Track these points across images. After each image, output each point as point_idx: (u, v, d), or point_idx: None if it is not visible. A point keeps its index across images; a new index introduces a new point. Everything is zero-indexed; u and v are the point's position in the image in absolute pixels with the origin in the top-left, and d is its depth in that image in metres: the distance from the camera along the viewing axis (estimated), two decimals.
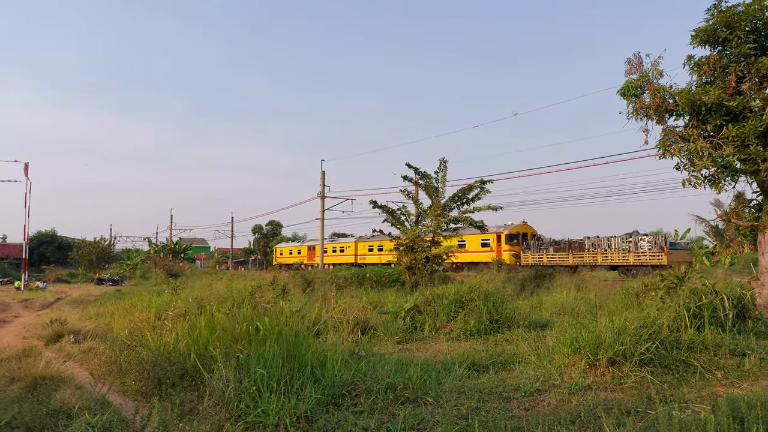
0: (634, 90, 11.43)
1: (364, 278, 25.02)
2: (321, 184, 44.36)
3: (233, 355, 6.67)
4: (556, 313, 14.89)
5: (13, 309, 21.38)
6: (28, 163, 37.18)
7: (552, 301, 16.67)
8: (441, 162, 24.85)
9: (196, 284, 23.87)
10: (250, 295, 13.37)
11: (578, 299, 16.70)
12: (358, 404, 5.77)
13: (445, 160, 24.87)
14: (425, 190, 25.30)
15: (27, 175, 37.14)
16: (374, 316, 12.75)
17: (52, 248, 71.20)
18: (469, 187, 24.64)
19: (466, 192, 24.66)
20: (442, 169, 24.88)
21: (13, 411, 6.05)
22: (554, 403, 5.69)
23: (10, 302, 24.22)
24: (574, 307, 15.07)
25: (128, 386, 7.35)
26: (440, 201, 24.90)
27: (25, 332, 13.81)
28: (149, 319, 10.40)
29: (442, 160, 24.86)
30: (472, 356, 8.38)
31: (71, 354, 10.09)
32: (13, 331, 14.34)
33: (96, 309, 17.71)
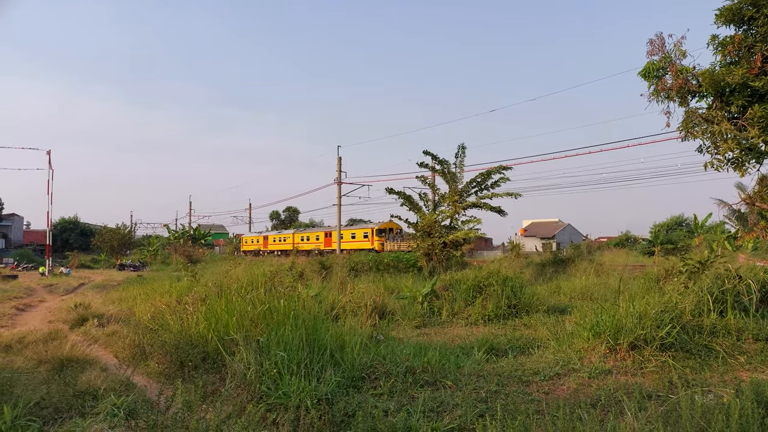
0: (655, 71, 11.17)
1: (381, 264, 25.09)
2: (337, 170, 44.35)
3: (253, 338, 6.74)
4: (575, 298, 14.82)
5: (38, 294, 21.87)
6: (50, 152, 37.75)
7: (571, 287, 16.56)
8: (459, 148, 24.70)
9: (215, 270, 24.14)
10: (269, 280, 13.48)
11: (597, 284, 16.57)
12: (377, 387, 5.82)
13: (463, 146, 24.72)
14: (443, 176, 25.17)
15: (50, 163, 37.73)
16: (392, 301, 12.80)
17: (74, 235, 72.44)
18: (487, 172, 24.44)
19: (485, 178, 24.48)
20: (460, 155, 24.73)
21: (42, 392, 6.20)
22: (574, 387, 5.68)
23: (36, 287, 24.77)
24: (593, 292, 14.98)
25: (151, 369, 7.50)
26: (458, 187, 24.77)
27: (50, 316, 14.13)
28: (170, 304, 10.53)
29: (461, 146, 24.72)
30: (490, 341, 8.37)
31: (96, 337, 10.30)
32: (39, 316, 14.68)
33: (119, 294, 18.03)
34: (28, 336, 10.06)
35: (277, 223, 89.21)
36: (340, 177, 44.40)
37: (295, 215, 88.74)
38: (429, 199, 26.19)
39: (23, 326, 12.30)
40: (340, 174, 44.42)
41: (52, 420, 5.41)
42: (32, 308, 16.77)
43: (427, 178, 26.70)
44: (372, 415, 4.80)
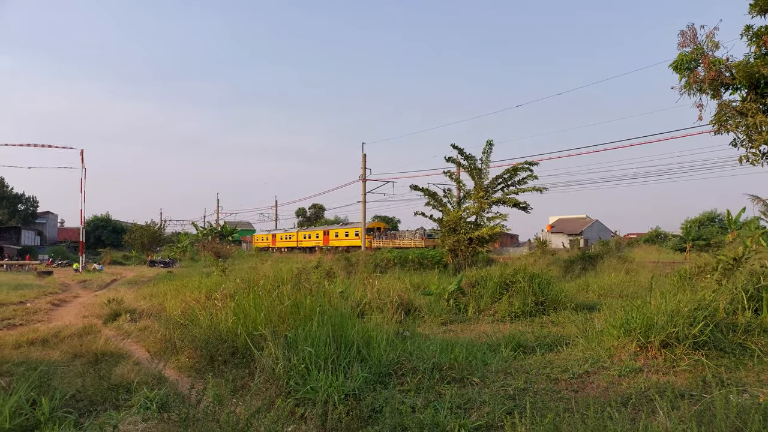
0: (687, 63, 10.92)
1: (406, 260, 25.09)
2: (362, 167, 44.47)
3: (281, 333, 6.82)
4: (604, 295, 14.60)
5: (72, 289, 22.46)
6: (83, 150, 38.74)
7: (599, 284, 16.32)
8: (487, 144, 24.53)
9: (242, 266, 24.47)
10: (296, 277, 13.61)
11: (627, 281, 16.30)
12: (404, 383, 5.83)
13: (491, 142, 24.55)
14: (468, 172, 25.03)
15: (83, 161, 38.72)
16: (417, 298, 12.79)
17: (106, 232, 74.24)
18: (513, 168, 24.23)
19: (511, 174, 24.27)
20: (486, 150, 24.56)
21: (77, 385, 6.37)
22: (604, 385, 5.60)
23: (70, 283, 25.45)
24: (623, 290, 14.74)
25: (182, 363, 7.65)
26: (483, 183, 24.60)
27: (84, 311, 14.51)
28: (200, 299, 10.72)
29: (488, 142, 24.53)
30: (517, 338, 8.30)
31: (128, 332, 10.53)
32: (73, 311, 15.08)
33: (150, 290, 18.40)
34: (64, 330, 10.34)
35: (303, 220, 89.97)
36: (364, 174, 44.52)
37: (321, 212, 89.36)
38: (454, 195, 26.08)
39: (59, 321, 12.65)
40: (365, 171, 44.55)
41: (88, 412, 5.55)
42: (67, 303, 17.23)
43: (453, 174, 26.58)
44: (399, 411, 4.82)
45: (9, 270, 36.59)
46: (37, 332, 10.18)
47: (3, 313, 13.31)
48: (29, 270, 36.00)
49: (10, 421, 4.90)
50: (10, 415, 4.94)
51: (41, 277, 28.00)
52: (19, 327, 11.55)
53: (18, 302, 15.99)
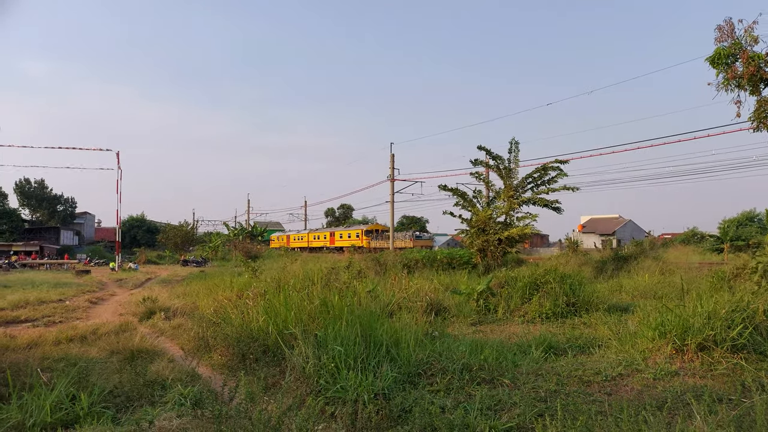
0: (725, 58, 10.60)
1: (434, 260, 25.00)
2: (390, 167, 44.48)
3: (311, 332, 6.88)
4: (638, 297, 14.30)
5: (109, 288, 23.07)
6: (119, 152, 39.72)
7: (633, 285, 15.99)
8: (512, 143, 24.27)
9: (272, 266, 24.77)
10: (325, 276, 13.71)
11: (662, 282, 15.92)
12: (433, 383, 5.83)
13: (516, 141, 24.28)
14: (497, 172, 24.79)
15: (118, 163, 39.70)
16: (446, 298, 12.74)
17: (141, 232, 75.99)
18: (543, 167, 23.91)
19: (541, 173, 23.96)
20: (513, 149, 24.30)
21: (114, 381, 6.55)
22: (638, 389, 5.49)
23: (107, 282, 26.14)
24: (658, 291, 14.40)
25: (215, 360, 7.78)
26: (513, 182, 24.35)
27: (121, 309, 14.89)
28: (232, 298, 10.89)
29: (514, 141, 24.28)
30: (548, 339, 8.20)
31: (163, 330, 10.76)
32: (110, 309, 15.49)
33: (183, 288, 18.78)
34: (101, 328, 10.63)
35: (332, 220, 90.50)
36: (392, 174, 44.53)
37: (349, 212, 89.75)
38: (483, 195, 25.86)
39: (96, 318, 13.01)
40: (393, 171, 44.55)
41: (125, 408, 5.70)
42: (104, 301, 17.71)
43: (481, 174, 26.37)
44: (429, 412, 4.81)
45: (49, 269, 37.81)
46: (76, 329, 10.48)
47: (44, 311, 13.76)
48: (68, 269, 37.11)
49: (51, 415, 5.07)
50: (51, 410, 5.11)
51: (79, 276, 28.82)
52: (58, 324, 11.92)
53: (58, 300, 16.51)
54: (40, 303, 15.31)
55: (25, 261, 41.59)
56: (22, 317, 12.76)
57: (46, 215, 70.45)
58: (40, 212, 70.66)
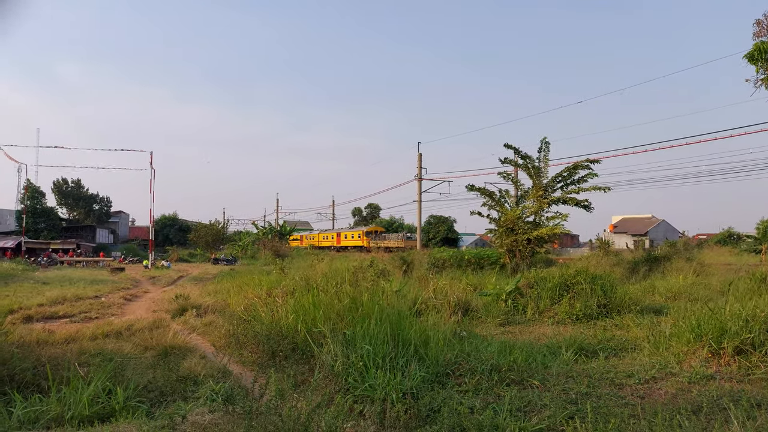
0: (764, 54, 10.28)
1: (462, 260, 24.87)
2: (418, 167, 44.41)
3: (339, 331, 6.92)
4: (672, 299, 13.98)
5: (143, 285, 23.60)
6: (152, 153, 40.59)
7: (666, 286, 15.61)
8: (542, 142, 23.97)
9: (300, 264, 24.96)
10: (352, 275, 13.77)
11: (697, 284, 15.53)
12: (462, 383, 5.80)
13: (546, 140, 23.98)
14: (526, 171, 24.52)
15: (151, 163, 40.58)
16: (474, 298, 12.65)
17: (173, 230, 77.47)
18: (574, 166, 23.55)
19: (571, 172, 23.60)
20: (543, 149, 23.99)
21: (149, 376, 6.71)
22: (672, 392, 5.37)
23: (141, 279, 26.74)
24: (692, 293, 14.06)
25: (245, 357, 7.89)
26: (542, 182, 24.04)
27: (154, 306, 15.21)
28: (261, 296, 11.01)
29: (543, 140, 23.98)
30: (579, 341, 8.08)
31: (194, 327, 10.96)
32: (144, 305, 15.85)
33: (214, 286, 19.09)
34: (136, 324, 10.87)
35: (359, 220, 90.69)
36: (420, 173, 44.45)
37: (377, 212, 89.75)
38: (511, 195, 25.60)
39: (131, 315, 13.33)
40: (420, 170, 44.46)
41: (158, 402, 5.84)
42: (138, 298, 18.13)
43: (510, 174, 26.10)
44: (457, 412, 4.80)
45: (85, 266, 38.88)
46: (111, 325, 10.75)
47: (80, 307, 14.16)
48: (103, 266, 38.08)
49: (89, 408, 5.22)
50: (88, 403, 5.26)
51: (114, 273, 29.55)
52: (95, 320, 12.25)
53: (93, 296, 16.98)
54: (77, 299, 15.76)
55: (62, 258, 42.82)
56: (60, 313, 13.14)
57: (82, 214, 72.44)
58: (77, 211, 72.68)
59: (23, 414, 4.97)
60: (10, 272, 26.70)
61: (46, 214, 60.29)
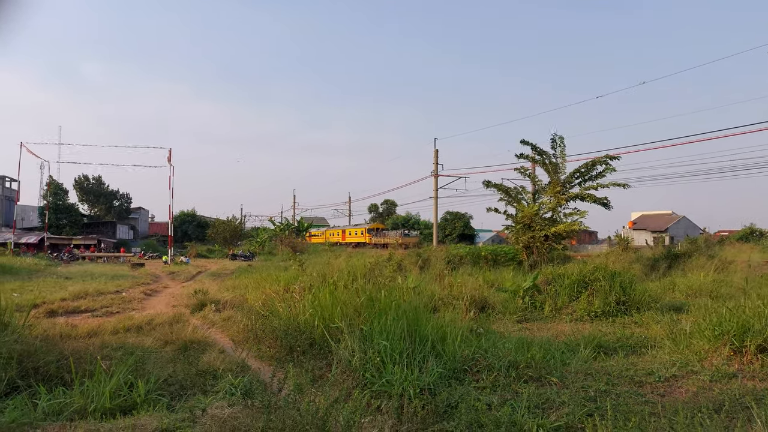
0: None
1: (479, 257, 24.76)
2: (434, 163, 44.28)
3: (357, 326, 6.94)
4: (693, 296, 13.78)
5: (162, 280, 23.89)
6: (171, 150, 41.04)
7: (687, 283, 15.40)
8: (558, 139, 23.72)
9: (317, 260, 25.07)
10: (369, 271, 13.79)
11: (718, 281, 15.29)
12: (479, 380, 5.79)
13: (561, 136, 23.73)
14: (543, 167, 24.30)
15: (170, 160, 41.02)
16: (491, 295, 12.61)
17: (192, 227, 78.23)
18: (592, 162, 23.27)
19: (589, 168, 23.34)
20: (560, 144, 23.75)
21: (169, 370, 6.79)
22: (693, 390, 5.31)
23: (160, 275, 27.09)
24: (714, 290, 13.85)
25: (263, 352, 7.96)
26: (560, 177, 23.81)
27: (173, 301, 15.40)
28: (279, 292, 11.09)
29: (558, 136, 23.73)
30: (598, 338, 8.01)
31: (213, 321, 11.08)
32: (163, 300, 16.05)
33: (232, 282, 19.26)
34: (156, 319, 11.01)
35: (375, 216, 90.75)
36: (436, 169, 44.31)
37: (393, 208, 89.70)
38: (528, 191, 25.40)
39: (151, 309, 13.50)
40: (437, 166, 44.32)
41: (178, 396, 5.91)
42: (158, 293, 18.36)
43: (527, 170, 25.89)
44: (475, 408, 4.79)
45: (107, 262, 39.48)
46: (132, 320, 10.91)
47: (102, 301, 14.39)
48: (124, 262, 38.64)
49: (111, 401, 5.31)
50: (110, 396, 5.35)
51: (134, 269, 29.97)
52: (116, 314, 12.43)
53: (114, 291, 17.23)
54: (99, 294, 16.01)
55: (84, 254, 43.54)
56: (82, 307, 13.36)
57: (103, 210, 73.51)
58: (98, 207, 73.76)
59: (48, 406, 5.07)
60: (34, 267, 27.24)
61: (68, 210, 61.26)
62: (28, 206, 63.63)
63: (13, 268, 25.80)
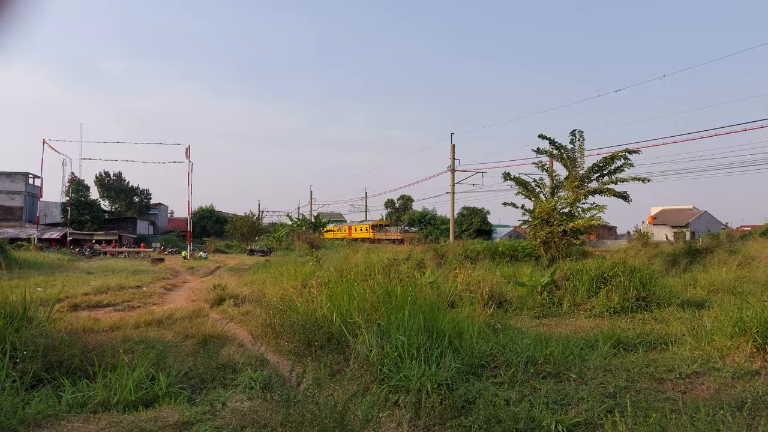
0: None
1: (496, 252, 24.66)
2: (451, 158, 44.06)
3: (374, 321, 6.97)
4: (714, 292, 13.58)
5: (182, 275, 24.18)
6: (189, 146, 41.45)
7: (709, 279, 15.17)
8: (577, 133, 23.48)
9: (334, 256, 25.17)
10: (387, 267, 13.81)
11: (741, 277, 15.03)
12: (497, 375, 5.78)
13: (580, 130, 23.50)
14: (561, 161, 24.08)
15: (188, 156, 41.41)
16: (509, 290, 12.55)
17: (210, 222, 79.08)
18: (612, 156, 23.00)
19: (608, 162, 23.07)
20: (579, 138, 23.50)
21: (189, 364, 6.88)
22: (715, 388, 5.24)
23: (180, 269, 27.41)
24: (737, 286, 13.63)
25: (282, 346, 8.03)
26: (578, 172, 23.57)
27: (193, 296, 15.58)
28: (297, 287, 11.17)
29: (577, 131, 23.50)
30: (617, 334, 7.92)
31: (232, 316, 11.19)
32: (183, 295, 16.25)
33: (250, 277, 19.40)
34: (176, 313, 11.14)
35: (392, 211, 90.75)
36: (453, 164, 44.09)
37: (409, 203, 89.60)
38: (546, 185, 25.19)
39: (171, 304, 13.67)
40: (453, 161, 44.11)
41: (199, 389, 5.99)
42: (177, 288, 18.59)
43: (545, 164, 25.67)
44: (493, 404, 4.79)
45: (127, 257, 40.08)
46: (153, 314, 11.05)
47: (123, 296, 14.61)
48: (144, 257, 39.17)
49: (133, 393, 5.41)
50: (133, 388, 5.45)
51: (154, 264, 30.37)
52: (137, 309, 12.62)
53: (135, 286, 17.49)
54: (120, 289, 16.26)
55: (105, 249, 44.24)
56: (104, 302, 13.58)
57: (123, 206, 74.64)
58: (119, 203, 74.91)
59: (72, 398, 5.17)
60: (57, 262, 27.75)
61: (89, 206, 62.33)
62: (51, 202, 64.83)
63: (37, 262, 26.31)
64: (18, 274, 20.36)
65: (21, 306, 7.12)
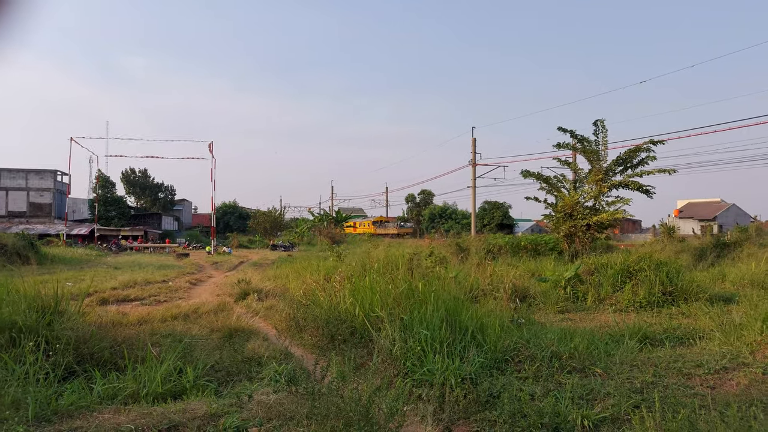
0: None
1: (519, 247, 24.48)
2: (472, 152, 43.77)
3: (397, 316, 6.98)
4: (744, 286, 13.28)
5: (206, 270, 24.52)
6: (212, 143, 41.96)
7: (737, 273, 14.85)
8: (599, 124, 23.06)
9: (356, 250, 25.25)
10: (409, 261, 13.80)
11: None
12: (521, 370, 5.76)
13: (603, 121, 23.05)
14: (584, 154, 23.70)
15: (212, 152, 41.94)
16: (532, 285, 12.46)
17: (233, 218, 79.89)
18: (636, 148, 22.56)
19: (632, 154, 22.65)
20: (602, 129, 23.09)
21: (215, 357, 7.00)
22: (745, 383, 5.14)
23: (204, 264, 27.80)
24: (765, 280, 13.32)
25: (305, 340, 8.11)
26: (602, 165, 23.20)
27: (217, 290, 15.81)
28: (319, 281, 11.23)
29: (600, 122, 23.06)
30: (643, 329, 7.81)
31: (257, 310, 11.32)
32: (208, 290, 16.49)
33: (273, 271, 19.60)
34: (202, 307, 11.33)
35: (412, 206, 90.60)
36: (474, 158, 43.81)
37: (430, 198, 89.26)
38: (569, 179, 24.84)
39: (197, 298, 13.89)
40: (475, 155, 43.82)
41: (225, 382, 6.09)
42: (202, 283, 18.86)
43: (566, 159, 25.30)
44: (518, 398, 4.77)
45: (153, 252, 40.79)
46: (179, 308, 11.25)
47: (150, 290, 14.89)
48: (169, 252, 39.82)
49: (162, 385, 5.52)
50: (161, 381, 5.56)
51: (179, 259, 30.84)
52: (163, 303, 12.84)
53: (161, 281, 17.80)
54: (147, 283, 16.57)
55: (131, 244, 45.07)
56: (131, 296, 13.86)
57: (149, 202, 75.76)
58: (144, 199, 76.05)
59: (103, 390, 5.30)
60: (85, 257, 28.40)
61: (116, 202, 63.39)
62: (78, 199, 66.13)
63: (66, 258, 26.95)
64: (48, 269, 20.90)
65: (53, 300, 7.29)
